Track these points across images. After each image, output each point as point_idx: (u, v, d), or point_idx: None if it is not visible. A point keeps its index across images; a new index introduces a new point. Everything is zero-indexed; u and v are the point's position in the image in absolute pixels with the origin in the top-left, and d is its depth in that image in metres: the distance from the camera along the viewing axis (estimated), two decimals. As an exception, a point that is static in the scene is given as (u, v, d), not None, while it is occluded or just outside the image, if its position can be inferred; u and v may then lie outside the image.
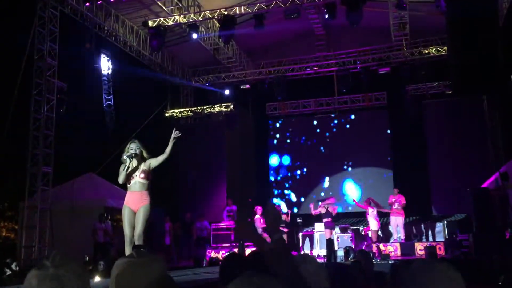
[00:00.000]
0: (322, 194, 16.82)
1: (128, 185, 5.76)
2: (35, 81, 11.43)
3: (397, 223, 13.02)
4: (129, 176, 5.72)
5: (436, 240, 13.11)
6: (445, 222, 13.96)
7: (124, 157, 5.67)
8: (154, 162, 5.76)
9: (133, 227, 5.61)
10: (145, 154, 5.82)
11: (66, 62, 12.27)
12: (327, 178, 16.96)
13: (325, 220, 12.44)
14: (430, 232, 13.67)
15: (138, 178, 5.70)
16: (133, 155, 5.69)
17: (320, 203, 12.95)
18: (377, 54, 15.85)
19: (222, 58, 16.18)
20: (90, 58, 12.90)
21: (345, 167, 16.91)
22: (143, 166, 5.74)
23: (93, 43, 12.28)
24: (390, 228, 13.72)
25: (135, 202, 5.65)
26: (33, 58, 11.41)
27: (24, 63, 11.25)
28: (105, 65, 13.60)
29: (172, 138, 5.83)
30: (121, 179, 5.71)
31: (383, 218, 14.21)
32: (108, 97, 13.74)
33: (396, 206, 13.00)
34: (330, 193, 16.64)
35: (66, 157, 13.16)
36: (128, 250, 5.57)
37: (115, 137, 14.89)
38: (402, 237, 13.01)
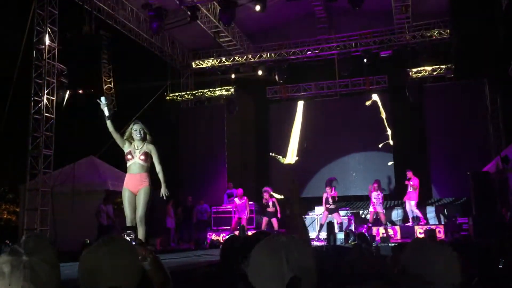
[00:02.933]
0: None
1: (128, 166, 5.72)
2: (35, 63, 11.38)
3: (410, 205, 13.01)
4: (127, 155, 5.70)
5: (436, 223, 13.17)
6: (445, 205, 14.01)
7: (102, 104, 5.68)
8: (154, 156, 5.72)
9: (134, 209, 5.62)
10: (148, 136, 5.77)
11: (66, 45, 12.19)
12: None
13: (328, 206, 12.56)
14: (430, 215, 13.71)
15: (138, 160, 5.65)
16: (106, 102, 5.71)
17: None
18: (378, 37, 15.73)
19: (223, 42, 16.08)
20: (90, 40, 12.81)
21: (346, 150, 16.88)
22: (144, 148, 5.68)
23: (92, 26, 12.19)
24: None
25: (135, 184, 5.64)
26: (33, 40, 11.34)
27: (23, 46, 11.18)
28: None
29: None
30: (110, 128, 5.77)
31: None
32: (108, 80, 13.70)
33: (410, 188, 12.98)
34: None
35: (67, 140, 13.17)
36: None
37: (115, 120, 14.84)
38: (420, 216, 12.95)
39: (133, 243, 2.30)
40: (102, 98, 5.70)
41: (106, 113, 5.65)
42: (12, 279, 1.21)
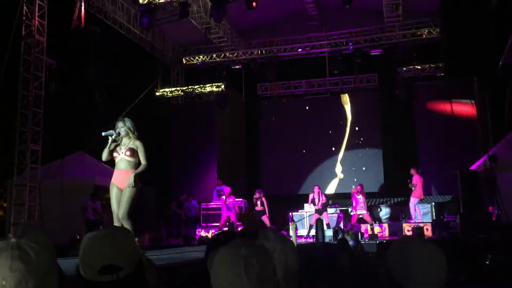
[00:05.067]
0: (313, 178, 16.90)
1: (115, 162, 5.72)
2: (23, 57, 11.24)
3: (410, 202, 13.00)
4: (113, 152, 5.70)
5: (424, 220, 13.25)
6: (433, 203, 14.10)
7: (103, 134, 5.64)
8: (140, 152, 5.67)
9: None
10: (132, 134, 5.70)
11: (55, 39, 12.08)
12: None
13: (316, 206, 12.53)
14: (417, 213, 13.79)
15: (124, 155, 5.64)
16: (113, 135, 5.63)
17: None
18: (369, 36, 15.78)
19: (214, 38, 16.03)
20: (79, 35, 12.70)
21: (335, 148, 16.94)
22: (130, 145, 5.65)
23: (82, 20, 12.07)
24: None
25: (122, 180, 5.62)
26: (21, 34, 11.20)
27: (11, 39, 11.05)
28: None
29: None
30: (103, 156, 5.71)
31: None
32: (98, 75, 13.59)
33: (411, 186, 12.98)
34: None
35: (56, 135, 13.06)
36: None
37: (104, 115, 14.77)
38: (413, 216, 13.01)
39: None
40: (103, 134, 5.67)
41: (109, 142, 5.65)
42: (0, 260, 1.22)
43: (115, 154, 5.70)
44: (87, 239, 1.46)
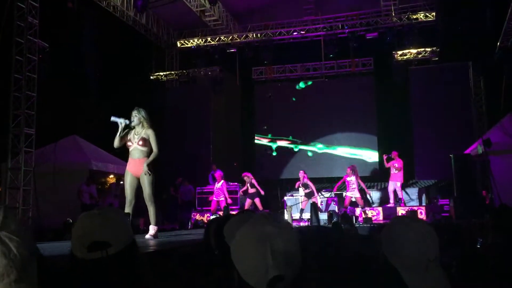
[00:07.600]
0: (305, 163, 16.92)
1: (130, 151, 6.10)
2: (16, 40, 11.12)
3: (395, 187, 13.02)
4: (125, 140, 6.03)
5: (418, 204, 13.33)
6: (427, 187, 14.19)
7: (112, 118, 5.85)
8: (152, 141, 6.00)
9: (134, 191, 6.07)
10: (145, 123, 6.03)
11: (48, 22, 11.94)
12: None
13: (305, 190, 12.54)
14: (412, 197, 13.88)
15: (137, 145, 5.99)
16: (122, 123, 5.91)
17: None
18: (365, 19, 15.70)
19: (209, 21, 15.89)
20: (73, 17, 12.56)
21: (330, 132, 16.94)
22: (142, 134, 5.99)
23: (75, 2, 11.94)
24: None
25: (136, 168, 6.03)
26: (13, 16, 11.06)
27: (3, 22, 10.91)
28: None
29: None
30: (115, 143, 6.04)
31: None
32: (92, 59, 13.49)
33: (393, 170, 12.99)
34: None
35: (50, 119, 12.99)
36: (128, 211, 6.04)
37: (99, 99, 14.72)
38: (402, 197, 12.99)
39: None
40: (121, 121, 5.86)
41: (120, 130, 5.96)
42: None
43: (128, 144, 6.05)
44: (79, 218, 1.49)
